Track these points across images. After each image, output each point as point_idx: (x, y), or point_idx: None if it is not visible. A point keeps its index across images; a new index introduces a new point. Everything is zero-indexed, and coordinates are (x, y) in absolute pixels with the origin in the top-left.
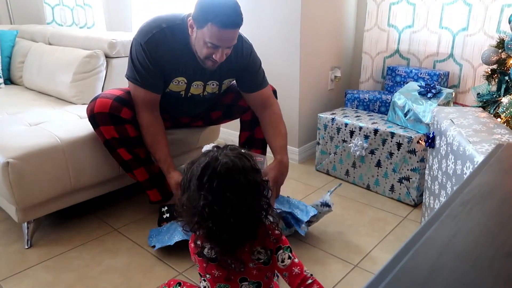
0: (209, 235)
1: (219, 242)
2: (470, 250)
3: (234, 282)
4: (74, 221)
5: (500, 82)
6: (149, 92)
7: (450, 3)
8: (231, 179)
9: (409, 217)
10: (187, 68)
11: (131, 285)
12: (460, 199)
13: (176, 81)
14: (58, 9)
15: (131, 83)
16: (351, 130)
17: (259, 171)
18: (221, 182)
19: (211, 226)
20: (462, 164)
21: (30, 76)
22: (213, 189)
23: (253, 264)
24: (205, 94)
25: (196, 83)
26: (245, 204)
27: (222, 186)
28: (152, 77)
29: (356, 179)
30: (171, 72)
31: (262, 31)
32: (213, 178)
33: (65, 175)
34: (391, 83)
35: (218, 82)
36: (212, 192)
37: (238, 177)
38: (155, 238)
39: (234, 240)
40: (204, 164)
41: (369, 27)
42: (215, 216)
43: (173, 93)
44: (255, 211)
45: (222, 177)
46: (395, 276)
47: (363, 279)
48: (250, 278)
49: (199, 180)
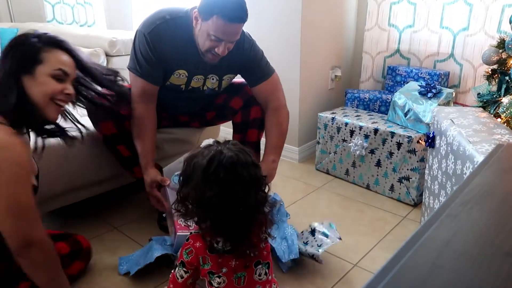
0: (215, 226)
1: (227, 233)
2: (469, 249)
3: (250, 268)
4: (74, 219)
5: (500, 82)
6: (148, 83)
7: (450, 3)
8: (236, 172)
9: (409, 217)
10: (188, 61)
11: (130, 284)
12: (460, 199)
13: (177, 74)
14: (59, 7)
15: (132, 73)
16: (351, 129)
17: (259, 166)
18: (227, 174)
19: (217, 217)
20: (462, 164)
21: None
22: (220, 181)
23: (263, 245)
24: (205, 88)
25: (196, 77)
26: (248, 196)
27: (228, 178)
28: (152, 68)
29: (356, 179)
30: (172, 64)
31: (262, 31)
32: (219, 170)
33: (65, 174)
34: (392, 82)
35: (218, 78)
36: (219, 183)
37: (242, 170)
38: (126, 265)
39: (241, 230)
40: (209, 157)
41: (370, 26)
42: (222, 207)
43: (173, 87)
44: (258, 203)
45: (228, 169)
46: (395, 275)
47: (362, 278)
48: (262, 260)
49: (205, 172)
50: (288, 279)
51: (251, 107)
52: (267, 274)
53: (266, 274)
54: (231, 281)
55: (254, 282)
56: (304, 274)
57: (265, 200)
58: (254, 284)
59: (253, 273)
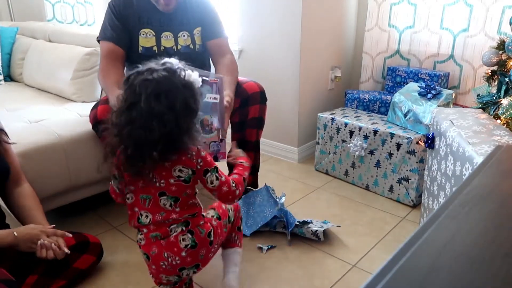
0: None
1: (136, 158)
2: (468, 250)
3: (154, 195)
4: (73, 218)
5: (500, 84)
6: (112, 43)
7: (451, 4)
8: (148, 100)
9: (408, 218)
10: (151, 18)
11: (129, 283)
12: (459, 200)
13: (143, 33)
14: (59, 6)
15: (100, 42)
16: (350, 130)
17: (191, 90)
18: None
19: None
20: (461, 165)
21: (30, 73)
22: (127, 100)
23: (173, 181)
24: (179, 48)
25: (165, 34)
26: (169, 121)
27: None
28: (116, 32)
29: (355, 179)
30: (135, 23)
31: (262, 31)
32: (132, 88)
33: (64, 173)
34: (391, 83)
35: (188, 33)
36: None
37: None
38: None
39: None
40: (140, 79)
41: (370, 27)
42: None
43: (147, 52)
44: (176, 128)
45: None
46: (394, 276)
47: (361, 279)
48: (168, 192)
49: (128, 84)
50: (287, 279)
51: (248, 106)
52: (172, 206)
53: (171, 206)
54: (138, 199)
55: (158, 208)
56: (303, 274)
57: (190, 131)
58: (158, 209)
59: (158, 200)
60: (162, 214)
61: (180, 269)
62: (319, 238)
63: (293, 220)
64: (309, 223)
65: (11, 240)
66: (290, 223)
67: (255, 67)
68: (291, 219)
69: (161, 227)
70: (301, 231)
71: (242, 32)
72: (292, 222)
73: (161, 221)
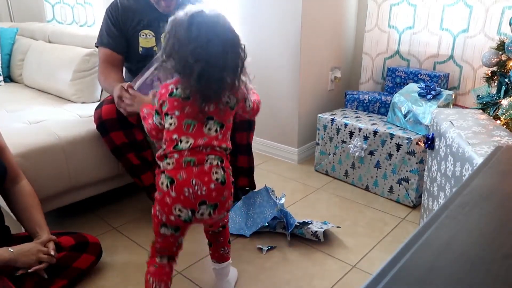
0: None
1: (200, 87)
2: (468, 251)
3: (201, 120)
4: (73, 219)
5: (500, 84)
6: (108, 50)
7: (451, 5)
8: (216, 30)
9: (408, 219)
10: (150, 20)
11: (129, 283)
12: (459, 201)
13: (143, 34)
14: (59, 7)
15: (97, 47)
16: (350, 131)
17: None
18: (208, 30)
19: (200, 69)
20: (461, 166)
21: (30, 74)
22: (200, 36)
23: (222, 106)
24: None
25: None
26: (226, 55)
27: (209, 34)
28: (111, 37)
29: (355, 180)
30: (134, 25)
31: (262, 32)
32: (201, 26)
33: (64, 173)
34: (391, 84)
35: None
36: (199, 38)
37: (223, 29)
38: None
39: (212, 86)
40: (190, 14)
41: (370, 28)
42: (204, 59)
43: (146, 52)
44: (234, 64)
45: (209, 26)
46: (393, 277)
47: (361, 279)
48: (216, 117)
49: (188, 28)
50: (287, 280)
51: None
52: (217, 131)
53: (216, 132)
54: (180, 125)
55: (201, 133)
56: (303, 275)
57: (242, 66)
58: (201, 134)
59: (203, 125)
60: (204, 139)
61: (201, 203)
62: (319, 239)
63: (293, 221)
64: (309, 224)
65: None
66: (290, 224)
67: (255, 67)
68: (291, 220)
69: (199, 154)
70: (301, 232)
71: (242, 32)
72: (292, 223)
73: (202, 146)
